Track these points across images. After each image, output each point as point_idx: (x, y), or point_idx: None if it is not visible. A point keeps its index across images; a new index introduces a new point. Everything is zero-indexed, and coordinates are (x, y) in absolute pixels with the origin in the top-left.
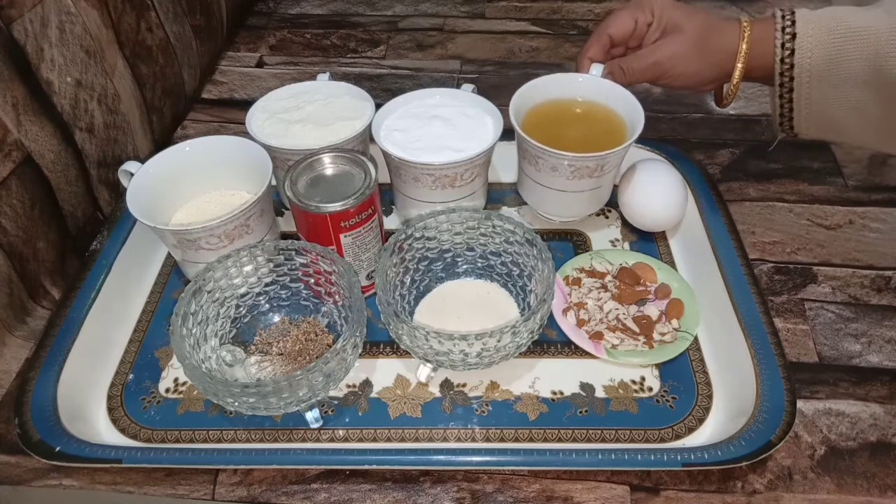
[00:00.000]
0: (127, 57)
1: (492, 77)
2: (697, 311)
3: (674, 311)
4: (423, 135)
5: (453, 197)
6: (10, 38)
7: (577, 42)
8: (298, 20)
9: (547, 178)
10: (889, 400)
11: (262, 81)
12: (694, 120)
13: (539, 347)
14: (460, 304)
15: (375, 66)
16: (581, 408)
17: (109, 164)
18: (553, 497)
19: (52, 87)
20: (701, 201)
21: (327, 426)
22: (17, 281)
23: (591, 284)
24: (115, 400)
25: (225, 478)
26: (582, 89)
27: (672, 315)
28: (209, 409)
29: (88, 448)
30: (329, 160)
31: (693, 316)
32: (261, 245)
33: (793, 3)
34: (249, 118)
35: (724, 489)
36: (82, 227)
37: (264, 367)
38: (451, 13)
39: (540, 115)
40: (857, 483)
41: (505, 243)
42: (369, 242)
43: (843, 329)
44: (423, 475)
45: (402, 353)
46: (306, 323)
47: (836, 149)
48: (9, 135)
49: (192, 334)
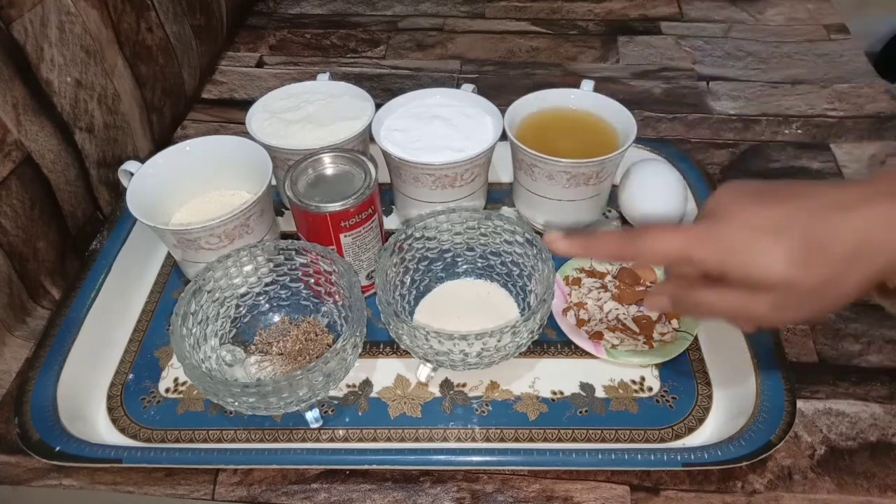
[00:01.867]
0: (127, 57)
1: (492, 77)
2: None
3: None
4: (423, 135)
5: (453, 197)
6: (10, 37)
7: (577, 42)
8: (298, 20)
9: (543, 188)
10: (889, 400)
11: (262, 81)
12: (694, 120)
13: (539, 347)
14: (460, 304)
15: (375, 66)
16: (581, 408)
17: (109, 164)
18: (553, 497)
19: (52, 87)
20: (701, 201)
21: (327, 426)
22: (17, 281)
23: (591, 284)
24: (115, 400)
25: (225, 478)
26: (574, 102)
27: (672, 315)
28: (209, 409)
29: (88, 448)
30: (329, 160)
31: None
32: (261, 245)
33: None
34: (249, 118)
35: (724, 489)
36: (82, 227)
37: (264, 366)
38: (451, 13)
39: (534, 126)
40: (857, 483)
41: (505, 243)
42: (369, 242)
43: (843, 329)
44: (423, 475)
45: (402, 353)
46: (306, 323)
47: (836, 149)
48: (9, 135)
49: (192, 334)
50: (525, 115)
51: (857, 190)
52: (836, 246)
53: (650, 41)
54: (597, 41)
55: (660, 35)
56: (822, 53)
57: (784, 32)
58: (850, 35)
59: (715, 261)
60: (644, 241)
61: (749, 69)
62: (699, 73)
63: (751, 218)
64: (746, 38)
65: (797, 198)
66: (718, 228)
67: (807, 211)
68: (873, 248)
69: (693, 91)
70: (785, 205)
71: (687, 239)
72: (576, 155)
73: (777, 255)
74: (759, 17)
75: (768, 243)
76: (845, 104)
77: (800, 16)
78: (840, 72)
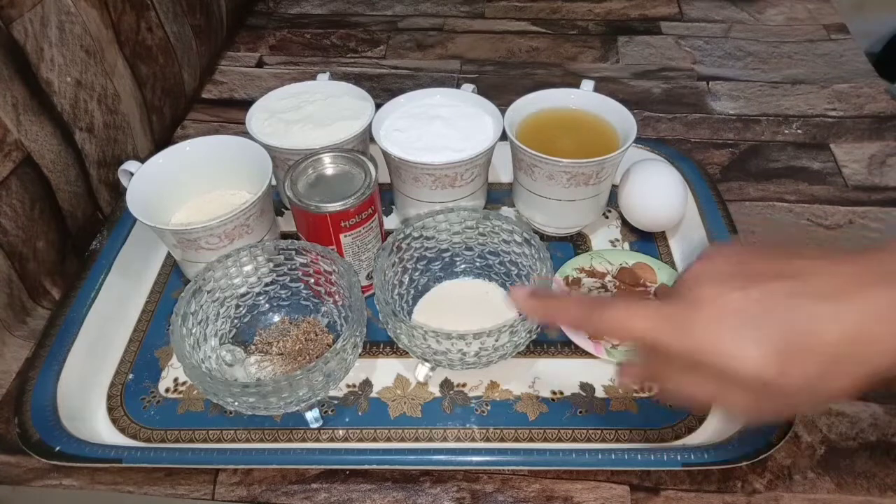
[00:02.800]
0: (127, 57)
1: (492, 77)
2: None
3: None
4: (423, 135)
5: (453, 197)
6: (10, 37)
7: (577, 42)
8: (298, 20)
9: (543, 188)
10: (889, 400)
11: (262, 81)
12: (694, 120)
13: (539, 347)
14: (459, 304)
15: (375, 66)
16: (581, 408)
17: (109, 164)
18: (553, 497)
19: (52, 87)
20: (701, 201)
21: (327, 426)
22: (17, 281)
23: (591, 284)
24: (115, 400)
25: (225, 478)
26: (574, 102)
27: None
28: (209, 409)
29: (88, 448)
30: (329, 160)
31: None
32: (261, 245)
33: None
34: (249, 118)
35: (724, 489)
36: (82, 227)
37: (264, 366)
38: (451, 13)
39: (534, 126)
40: (857, 483)
41: (503, 243)
42: (369, 242)
43: None
44: (423, 475)
45: (402, 353)
46: (306, 323)
47: (836, 149)
48: (9, 135)
49: (191, 334)
50: (525, 115)
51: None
52: (821, 344)
53: (650, 41)
54: (597, 41)
55: (660, 35)
56: (822, 53)
57: (784, 32)
58: (850, 35)
59: (684, 352)
60: (609, 317)
61: (749, 69)
62: (699, 73)
63: (726, 306)
64: (746, 38)
65: (781, 279)
66: (689, 315)
67: (791, 298)
68: (867, 346)
69: (693, 91)
70: (767, 287)
71: (655, 323)
72: (576, 155)
73: (752, 355)
74: (759, 17)
75: (742, 340)
76: (845, 104)
77: (800, 16)
78: (840, 72)
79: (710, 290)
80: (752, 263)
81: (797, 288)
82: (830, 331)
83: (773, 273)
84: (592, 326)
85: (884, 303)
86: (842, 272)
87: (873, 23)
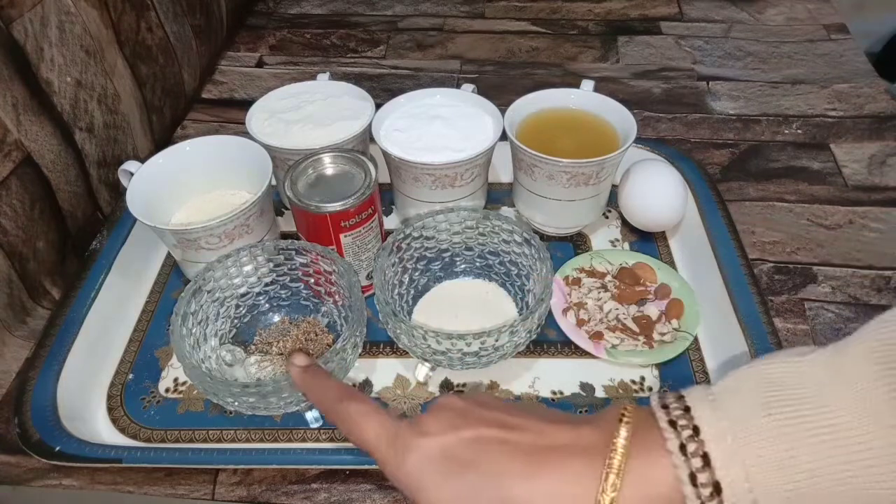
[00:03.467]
0: (127, 57)
1: (492, 77)
2: (697, 311)
3: (674, 311)
4: (423, 135)
5: (453, 197)
6: (10, 37)
7: (577, 42)
8: (298, 20)
9: (543, 188)
10: None
11: (262, 81)
12: (694, 120)
13: (539, 347)
14: (458, 304)
15: (375, 66)
16: (581, 408)
17: (109, 164)
18: None
19: (51, 87)
20: (701, 201)
21: (327, 426)
22: (17, 281)
23: (591, 284)
24: (115, 400)
25: (225, 478)
26: (574, 102)
27: (672, 315)
28: (209, 409)
29: (88, 448)
30: (329, 160)
31: (693, 316)
32: (261, 245)
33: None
34: (249, 118)
35: None
36: (82, 227)
37: (264, 366)
38: (451, 13)
39: (534, 126)
40: None
41: (503, 243)
42: (369, 242)
43: (843, 329)
44: None
45: (402, 353)
46: (306, 323)
47: (836, 149)
48: (9, 135)
49: (192, 334)
50: (525, 115)
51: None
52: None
53: (650, 41)
54: (597, 41)
55: (660, 35)
56: (822, 53)
57: (784, 32)
58: (850, 35)
59: (394, 479)
60: (346, 416)
61: (749, 69)
62: (699, 73)
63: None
64: (746, 38)
65: (498, 427)
66: (409, 445)
67: (500, 445)
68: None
69: (693, 91)
70: (479, 432)
71: (380, 443)
72: (576, 155)
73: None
74: (759, 17)
75: (439, 491)
76: (845, 104)
77: (800, 16)
78: (840, 72)
79: (435, 426)
80: (485, 408)
81: (510, 438)
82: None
83: (494, 419)
84: (333, 417)
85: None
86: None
87: (873, 23)
